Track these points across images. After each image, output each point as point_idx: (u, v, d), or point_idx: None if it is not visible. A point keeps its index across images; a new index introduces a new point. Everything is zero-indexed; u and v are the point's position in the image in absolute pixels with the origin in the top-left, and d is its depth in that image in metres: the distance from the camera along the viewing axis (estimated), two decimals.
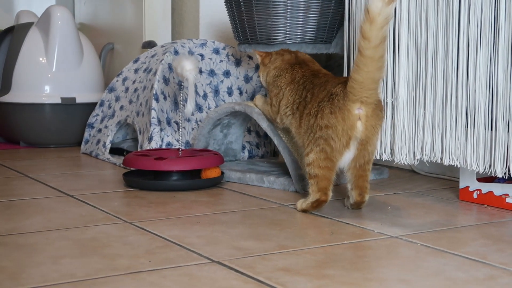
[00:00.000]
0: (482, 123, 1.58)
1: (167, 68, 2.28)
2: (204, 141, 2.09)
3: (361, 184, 1.59)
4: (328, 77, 1.67)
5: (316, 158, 1.55)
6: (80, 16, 3.54)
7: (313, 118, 1.58)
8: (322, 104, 1.56)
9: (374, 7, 1.39)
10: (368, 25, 1.41)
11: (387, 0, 1.39)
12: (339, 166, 1.58)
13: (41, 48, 2.74)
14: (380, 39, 1.42)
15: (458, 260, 1.25)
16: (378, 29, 1.41)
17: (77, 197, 1.77)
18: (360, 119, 1.52)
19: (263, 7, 2.00)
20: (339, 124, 1.52)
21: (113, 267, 1.18)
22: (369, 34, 1.42)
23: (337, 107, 1.52)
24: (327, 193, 1.57)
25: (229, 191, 1.86)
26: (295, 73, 1.75)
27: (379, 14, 1.39)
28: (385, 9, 1.39)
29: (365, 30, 1.41)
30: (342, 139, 1.52)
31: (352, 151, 1.55)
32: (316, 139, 1.56)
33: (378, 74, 1.48)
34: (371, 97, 1.51)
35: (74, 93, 2.74)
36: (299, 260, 1.24)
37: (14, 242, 1.34)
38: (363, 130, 1.52)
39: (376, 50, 1.43)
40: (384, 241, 1.37)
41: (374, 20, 1.40)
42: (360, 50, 1.45)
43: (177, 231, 1.43)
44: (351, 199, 1.62)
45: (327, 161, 1.55)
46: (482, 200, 1.69)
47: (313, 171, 1.57)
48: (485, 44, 1.56)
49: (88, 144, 2.52)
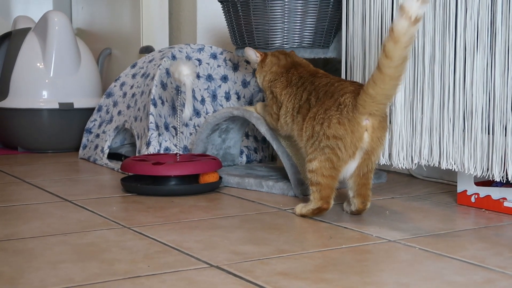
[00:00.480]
0: (480, 127, 1.58)
1: (165, 73, 2.28)
2: (202, 146, 2.09)
3: (364, 192, 1.59)
4: (330, 78, 1.65)
5: (320, 166, 1.54)
6: (78, 21, 3.55)
7: (318, 125, 1.55)
8: (329, 113, 1.54)
9: (400, 27, 1.35)
10: (392, 44, 1.37)
11: (413, 20, 1.35)
12: (343, 175, 1.57)
13: (38, 54, 2.74)
14: (403, 59, 1.39)
15: (456, 264, 1.25)
16: (402, 49, 1.37)
17: (75, 202, 1.77)
18: (367, 130, 1.51)
19: (260, 12, 2.00)
20: (348, 136, 1.50)
21: (112, 272, 1.18)
22: (392, 54, 1.38)
23: (346, 119, 1.51)
24: (329, 202, 1.57)
25: (227, 196, 1.86)
26: (290, 75, 1.74)
27: (404, 34, 1.35)
28: (411, 29, 1.35)
29: (389, 49, 1.38)
30: (349, 150, 1.51)
31: (357, 160, 1.54)
32: (322, 148, 1.54)
33: (393, 91, 1.46)
34: (381, 110, 1.50)
35: (72, 98, 2.74)
36: (297, 264, 1.24)
37: (12, 247, 1.34)
38: (369, 141, 1.52)
39: (397, 69, 1.41)
40: (383, 245, 1.37)
41: (399, 40, 1.36)
42: (380, 67, 1.41)
43: (175, 235, 1.43)
44: (353, 207, 1.61)
45: (332, 170, 1.54)
46: (480, 204, 1.69)
47: (315, 179, 1.55)
48: (482, 48, 1.56)
49: (86, 149, 2.52)
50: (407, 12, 1.33)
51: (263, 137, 2.33)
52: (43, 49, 2.73)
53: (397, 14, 1.36)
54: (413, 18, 1.34)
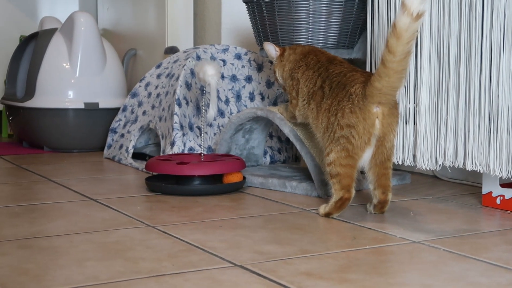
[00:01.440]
0: (505, 128, 1.57)
1: (189, 74, 2.29)
2: (226, 146, 2.09)
3: (383, 182, 1.60)
4: (344, 67, 1.67)
5: (337, 157, 1.57)
6: (103, 22, 3.57)
7: (333, 116, 1.59)
8: (342, 104, 1.58)
9: (402, 23, 1.39)
10: (394, 40, 1.41)
11: (415, 16, 1.38)
12: (360, 165, 1.59)
13: (64, 54, 2.76)
14: (405, 53, 1.43)
15: (481, 265, 1.24)
16: (404, 45, 1.41)
17: (100, 201, 1.78)
18: (378, 117, 1.55)
19: (285, 12, 2.00)
20: (360, 123, 1.54)
21: (136, 270, 1.19)
22: (395, 49, 1.42)
23: (357, 107, 1.55)
24: (350, 190, 1.58)
25: (251, 196, 1.87)
26: (309, 60, 1.77)
27: (406, 31, 1.40)
28: (413, 25, 1.39)
29: (391, 45, 1.42)
30: (363, 136, 1.55)
31: (372, 147, 1.57)
32: (337, 139, 1.57)
33: (399, 83, 1.50)
34: (389, 100, 1.54)
35: (97, 98, 2.76)
36: (321, 264, 1.24)
37: (38, 245, 1.36)
38: (380, 128, 1.55)
39: (400, 63, 1.45)
40: (407, 246, 1.37)
41: (401, 36, 1.40)
42: (384, 62, 1.46)
43: (199, 235, 1.44)
44: (375, 199, 1.62)
45: (349, 159, 1.56)
46: (505, 206, 1.68)
47: (334, 170, 1.58)
48: (508, 49, 1.55)
49: (111, 149, 2.54)
50: (408, 9, 1.37)
51: (287, 138, 2.33)
52: (69, 49, 2.76)
53: (399, 10, 1.39)
54: (415, 14, 1.37)
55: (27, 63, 2.92)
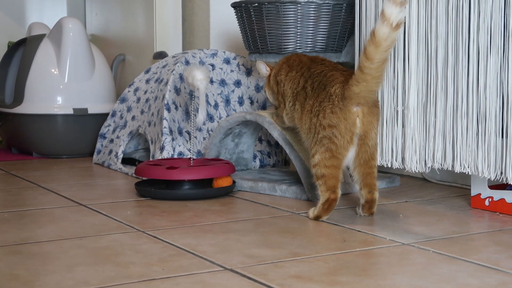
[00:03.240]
0: (493, 130, 1.58)
1: (178, 78, 2.29)
2: (216, 151, 2.10)
3: (369, 181, 1.62)
4: (325, 66, 1.69)
5: (321, 158, 1.59)
6: (92, 28, 3.57)
7: (315, 117, 1.62)
8: (323, 105, 1.60)
9: (381, 32, 1.41)
10: (373, 48, 1.44)
11: (395, 26, 1.40)
12: (345, 165, 1.61)
13: (53, 60, 2.76)
14: (383, 60, 1.46)
15: (470, 266, 1.25)
16: (382, 52, 1.44)
17: (90, 206, 1.78)
18: (358, 116, 1.57)
19: (273, 16, 2.01)
20: (341, 123, 1.57)
21: (127, 275, 1.19)
22: (373, 56, 1.45)
23: (337, 107, 1.57)
24: (336, 191, 1.59)
25: (241, 200, 1.87)
26: (291, 61, 1.79)
27: (385, 40, 1.42)
28: (392, 34, 1.41)
29: (369, 52, 1.45)
30: (345, 136, 1.57)
31: (355, 146, 1.59)
32: (320, 139, 1.60)
33: (376, 87, 1.54)
34: (368, 101, 1.57)
35: (86, 104, 2.76)
36: (311, 267, 1.24)
37: (28, 250, 1.35)
38: (361, 126, 1.57)
39: (378, 69, 1.48)
40: (396, 248, 1.37)
41: (380, 45, 1.43)
42: (362, 68, 1.49)
43: (189, 239, 1.44)
44: (362, 199, 1.63)
45: (333, 160, 1.58)
46: (494, 208, 1.69)
47: (319, 171, 1.60)
48: (495, 51, 1.56)
49: (100, 154, 2.54)
50: (388, 19, 1.39)
51: (276, 142, 2.33)
52: (57, 55, 2.75)
53: (378, 19, 1.41)
54: (394, 24, 1.40)
55: (16, 69, 2.91)
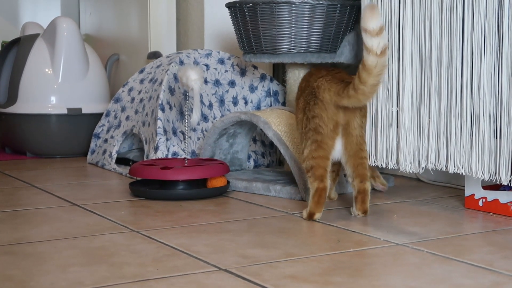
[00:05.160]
0: (487, 130, 1.58)
1: (173, 78, 2.29)
2: (210, 151, 2.10)
3: (360, 171, 1.64)
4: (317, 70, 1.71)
5: (309, 150, 1.63)
6: (86, 27, 3.56)
7: (302, 113, 1.67)
8: (308, 99, 1.65)
9: (370, 61, 1.46)
10: (365, 74, 1.48)
11: (379, 53, 1.45)
12: (335, 157, 1.64)
13: (47, 59, 2.75)
14: (376, 84, 1.50)
15: (464, 267, 1.25)
16: (375, 77, 1.49)
17: (84, 206, 1.78)
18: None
19: (268, 17, 2.01)
20: (323, 112, 1.61)
21: (121, 275, 1.19)
22: (366, 80, 1.49)
23: (319, 99, 1.62)
24: (323, 180, 1.62)
25: (235, 200, 1.87)
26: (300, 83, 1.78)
27: (375, 67, 1.47)
28: (380, 60, 1.46)
29: (363, 77, 1.49)
30: (329, 124, 1.60)
31: (340, 137, 1.62)
32: (307, 133, 1.64)
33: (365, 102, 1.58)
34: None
35: (80, 104, 2.76)
36: (306, 267, 1.24)
37: (22, 251, 1.35)
38: (343, 116, 1.61)
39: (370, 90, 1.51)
40: (390, 248, 1.38)
41: (371, 71, 1.47)
42: (355, 89, 1.52)
43: (184, 239, 1.44)
44: (355, 191, 1.65)
45: (320, 151, 1.61)
46: (487, 208, 1.69)
47: (308, 164, 1.63)
48: (489, 52, 1.57)
49: (94, 154, 2.53)
50: (371, 50, 1.45)
51: (271, 142, 2.33)
52: (51, 55, 2.75)
53: (364, 50, 1.46)
54: (379, 52, 1.45)
55: (9, 69, 2.90)
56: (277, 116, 1.96)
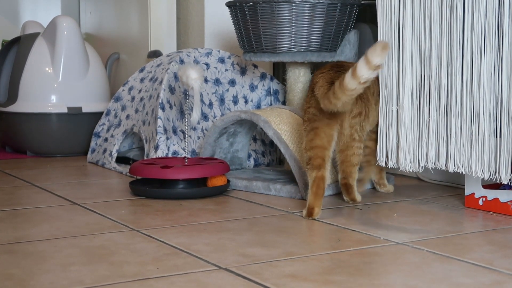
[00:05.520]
0: (487, 129, 1.58)
1: (173, 77, 2.29)
2: (210, 150, 2.10)
3: (344, 168, 1.75)
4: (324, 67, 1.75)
5: (306, 140, 1.68)
6: (86, 26, 3.56)
7: (303, 111, 1.73)
8: (307, 94, 1.72)
9: (350, 85, 1.51)
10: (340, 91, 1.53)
11: (362, 82, 1.48)
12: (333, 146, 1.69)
13: (47, 58, 2.75)
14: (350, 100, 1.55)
15: (464, 266, 1.25)
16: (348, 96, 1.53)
17: (84, 205, 1.78)
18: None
19: (268, 16, 2.01)
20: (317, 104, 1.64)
21: (121, 274, 1.19)
22: (340, 96, 1.54)
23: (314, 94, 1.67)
24: (321, 169, 1.65)
25: (235, 199, 1.87)
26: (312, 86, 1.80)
27: (352, 90, 1.51)
28: (359, 87, 1.50)
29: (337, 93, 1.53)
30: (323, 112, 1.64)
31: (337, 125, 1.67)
32: (305, 123, 1.69)
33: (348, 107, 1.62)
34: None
35: (80, 103, 2.76)
36: (306, 266, 1.24)
37: (22, 250, 1.35)
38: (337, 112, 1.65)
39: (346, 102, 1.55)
40: (391, 247, 1.38)
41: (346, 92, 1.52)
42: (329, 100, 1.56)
43: (184, 238, 1.44)
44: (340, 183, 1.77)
45: (317, 140, 1.66)
46: (487, 207, 1.69)
47: (307, 155, 1.68)
48: (489, 51, 1.57)
49: (95, 153, 2.53)
50: (358, 77, 1.48)
51: (271, 141, 2.33)
52: (51, 54, 2.75)
53: (349, 72, 1.49)
54: (362, 81, 1.49)
55: (10, 68, 2.90)
56: (277, 115, 1.96)
